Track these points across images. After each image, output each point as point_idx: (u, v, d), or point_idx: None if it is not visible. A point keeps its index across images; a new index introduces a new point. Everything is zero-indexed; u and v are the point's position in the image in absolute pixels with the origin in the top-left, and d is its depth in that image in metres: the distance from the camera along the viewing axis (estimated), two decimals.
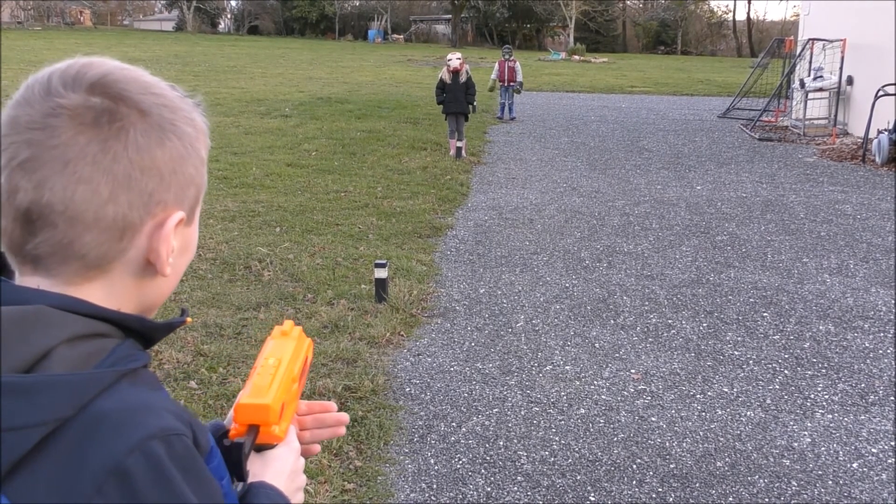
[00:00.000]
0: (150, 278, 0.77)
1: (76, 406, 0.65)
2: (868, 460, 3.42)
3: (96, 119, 0.71)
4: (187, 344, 4.26)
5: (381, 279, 5.02)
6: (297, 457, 0.95)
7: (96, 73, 0.73)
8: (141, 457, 0.65)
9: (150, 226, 0.74)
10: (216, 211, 7.18)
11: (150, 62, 25.20)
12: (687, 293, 5.46)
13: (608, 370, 4.24)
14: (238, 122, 12.81)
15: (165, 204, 0.75)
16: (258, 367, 0.92)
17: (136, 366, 0.72)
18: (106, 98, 0.72)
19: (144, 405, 0.69)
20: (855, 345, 4.63)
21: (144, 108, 0.73)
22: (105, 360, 0.70)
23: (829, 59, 13.30)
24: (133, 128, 0.72)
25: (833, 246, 6.68)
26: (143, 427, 0.67)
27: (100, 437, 0.65)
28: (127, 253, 0.74)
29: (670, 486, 3.20)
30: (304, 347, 1.00)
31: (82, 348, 0.69)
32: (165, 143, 0.74)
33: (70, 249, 0.71)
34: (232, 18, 62.91)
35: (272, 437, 0.88)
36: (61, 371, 0.67)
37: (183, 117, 0.77)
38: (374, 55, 35.17)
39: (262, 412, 0.86)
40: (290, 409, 0.93)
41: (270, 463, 0.89)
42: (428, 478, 3.22)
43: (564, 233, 6.99)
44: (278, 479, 0.89)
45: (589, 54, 39.94)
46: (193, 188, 0.79)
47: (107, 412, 0.66)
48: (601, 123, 14.66)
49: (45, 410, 0.64)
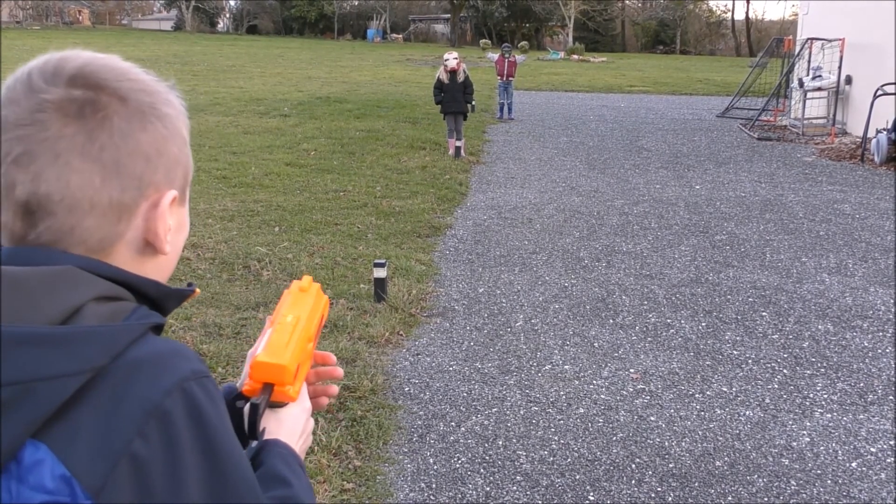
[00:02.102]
0: (151, 257, 0.80)
1: (111, 355, 0.68)
2: (867, 460, 3.42)
3: (80, 110, 0.73)
4: (186, 343, 4.25)
5: (380, 279, 5.02)
6: (308, 416, 0.97)
7: (74, 66, 0.75)
8: (179, 397, 0.68)
9: (144, 207, 0.77)
10: (215, 210, 7.18)
11: (149, 62, 25.08)
12: (686, 292, 5.46)
13: (607, 370, 4.24)
14: (237, 121, 12.80)
15: (157, 185, 0.78)
16: (276, 323, 0.92)
17: (159, 321, 0.76)
18: (87, 89, 0.74)
19: (175, 350, 0.72)
20: (854, 344, 4.63)
21: (123, 94, 0.75)
22: (130, 316, 0.74)
23: (828, 58, 13.30)
24: (116, 115, 0.74)
25: (832, 245, 6.69)
26: (177, 370, 0.70)
27: (137, 381, 0.68)
28: (125, 235, 0.77)
29: (669, 485, 3.20)
30: (321, 305, 1.00)
31: (109, 307, 0.73)
32: (147, 126, 0.76)
33: (71, 236, 0.74)
34: (231, 18, 62.91)
35: (286, 397, 0.89)
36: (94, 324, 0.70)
37: (161, 99, 0.79)
38: (372, 55, 35.16)
39: (279, 372, 0.87)
40: (304, 368, 0.94)
41: (284, 422, 0.92)
42: (427, 477, 3.22)
43: (563, 232, 6.99)
44: (291, 437, 0.92)
45: (588, 54, 39.94)
46: (181, 168, 0.81)
47: (141, 359, 0.69)
48: (600, 123, 14.66)
49: (80, 360, 0.66)
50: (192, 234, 6.34)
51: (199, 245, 6.07)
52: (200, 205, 7.34)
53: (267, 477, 0.84)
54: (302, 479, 0.87)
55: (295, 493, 0.84)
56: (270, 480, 0.84)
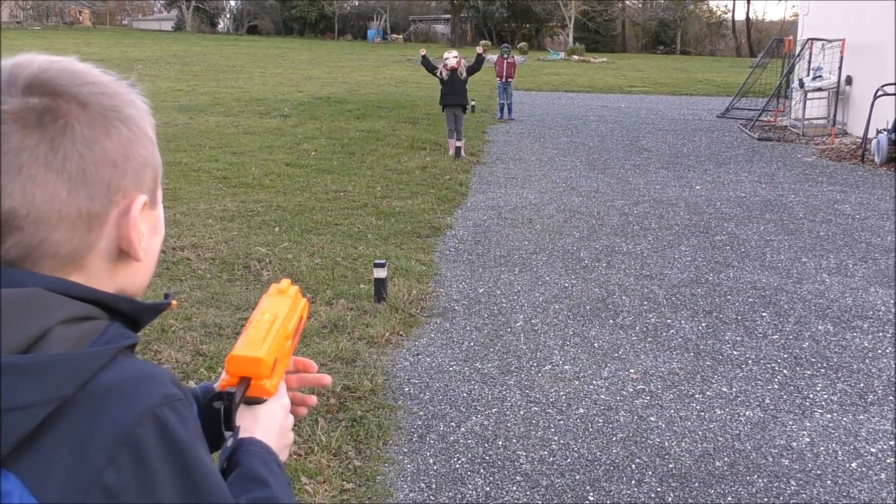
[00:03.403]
0: (126, 264, 0.78)
1: (78, 383, 0.66)
2: (867, 460, 3.42)
3: (39, 119, 0.70)
4: (186, 344, 4.26)
5: (380, 279, 5.02)
6: (287, 413, 0.95)
7: (29, 73, 0.72)
8: (150, 424, 0.67)
9: (114, 214, 0.75)
10: (215, 211, 7.18)
11: (149, 62, 25.23)
12: (686, 293, 5.46)
13: (607, 370, 4.24)
14: (237, 121, 12.80)
15: (126, 190, 0.75)
16: (253, 322, 0.92)
17: (131, 342, 0.74)
18: (44, 96, 0.71)
19: (145, 374, 0.70)
20: (854, 344, 4.63)
21: (83, 99, 0.72)
22: (99, 338, 0.71)
23: (828, 58, 13.30)
24: (77, 122, 0.71)
25: (832, 246, 6.69)
26: (148, 396, 0.68)
27: (106, 409, 0.66)
28: (98, 244, 0.74)
29: (669, 485, 3.20)
30: (299, 306, 1.01)
31: (77, 329, 0.70)
32: (111, 130, 0.74)
33: (40, 250, 0.71)
34: (231, 18, 62.88)
35: (262, 391, 0.89)
36: (60, 350, 0.67)
37: (123, 101, 0.76)
38: (373, 55, 35.16)
39: (254, 365, 0.87)
40: (282, 365, 0.93)
41: (261, 418, 0.90)
42: (427, 477, 3.22)
43: (563, 233, 6.99)
44: (268, 435, 0.90)
45: (588, 54, 39.95)
46: (149, 169, 0.78)
47: (110, 385, 0.67)
48: (600, 123, 14.67)
49: (45, 390, 0.64)
50: (192, 234, 6.34)
51: (199, 245, 6.07)
52: (201, 205, 7.34)
53: (244, 478, 0.83)
54: (280, 478, 0.85)
55: (273, 493, 0.83)
56: (248, 482, 0.82)
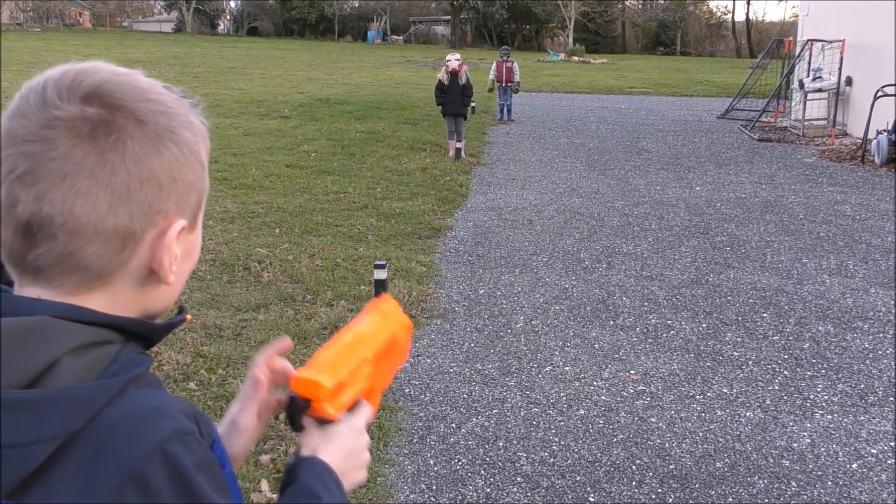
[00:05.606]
0: (153, 286, 0.76)
1: (85, 418, 0.65)
2: (867, 461, 3.41)
3: (93, 131, 0.69)
4: (187, 345, 4.25)
5: (381, 280, 5.02)
6: (358, 436, 0.92)
7: (92, 83, 0.71)
8: (159, 461, 0.65)
9: (151, 235, 0.73)
10: (215, 212, 7.18)
11: (149, 63, 25.23)
12: (686, 294, 5.46)
13: (608, 371, 4.24)
14: (237, 123, 12.81)
15: (167, 213, 0.73)
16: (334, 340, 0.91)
17: (141, 371, 0.72)
18: (102, 108, 0.70)
19: (155, 408, 0.68)
20: (854, 345, 4.63)
21: (141, 116, 0.71)
22: (109, 367, 0.70)
23: (828, 59, 13.30)
24: (130, 138, 0.70)
25: (832, 246, 6.68)
26: (157, 430, 0.66)
27: (114, 445, 0.65)
28: (129, 263, 0.73)
29: (670, 486, 3.20)
30: (391, 326, 0.98)
31: (87, 357, 0.68)
32: (163, 151, 0.72)
33: (71, 261, 0.70)
34: (231, 20, 62.94)
35: (324, 414, 0.88)
36: (68, 382, 0.66)
37: (181, 122, 0.75)
38: (373, 56, 35.18)
39: (313, 388, 0.86)
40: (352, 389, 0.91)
41: (330, 439, 0.89)
42: (427, 479, 3.22)
43: (564, 234, 6.99)
44: (334, 456, 0.88)
45: (588, 55, 39.98)
46: (195, 194, 0.77)
47: (118, 420, 0.66)
48: (600, 124, 14.67)
49: (52, 425, 0.63)
50: None
51: None
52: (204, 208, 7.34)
53: (298, 492, 0.82)
54: (335, 494, 0.83)
55: None
56: (301, 495, 0.82)
